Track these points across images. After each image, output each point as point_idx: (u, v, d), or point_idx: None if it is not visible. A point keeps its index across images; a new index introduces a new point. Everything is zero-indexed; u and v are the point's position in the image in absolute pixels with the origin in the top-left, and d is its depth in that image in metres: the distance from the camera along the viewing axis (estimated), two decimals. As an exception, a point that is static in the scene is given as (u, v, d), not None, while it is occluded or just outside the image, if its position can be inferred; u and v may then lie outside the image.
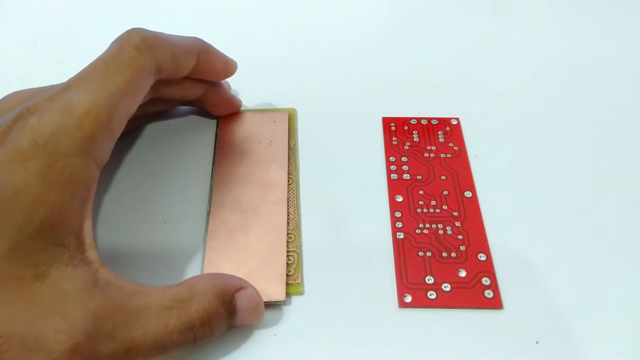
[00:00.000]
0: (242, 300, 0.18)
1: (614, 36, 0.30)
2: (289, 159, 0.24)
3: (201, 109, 0.26)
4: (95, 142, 0.16)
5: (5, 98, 0.19)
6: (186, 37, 0.21)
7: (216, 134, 0.25)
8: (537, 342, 0.18)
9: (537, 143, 0.25)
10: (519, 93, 0.27)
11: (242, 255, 0.20)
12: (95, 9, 0.33)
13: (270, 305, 0.19)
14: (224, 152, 0.24)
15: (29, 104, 0.16)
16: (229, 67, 0.23)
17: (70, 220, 0.16)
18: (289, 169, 0.23)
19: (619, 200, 0.23)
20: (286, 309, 0.19)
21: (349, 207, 0.22)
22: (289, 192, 0.23)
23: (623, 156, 0.24)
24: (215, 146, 0.24)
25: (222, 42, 0.30)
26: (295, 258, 0.21)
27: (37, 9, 0.33)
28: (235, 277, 0.19)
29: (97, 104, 0.17)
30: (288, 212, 0.22)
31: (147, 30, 0.19)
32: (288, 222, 0.22)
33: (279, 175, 0.23)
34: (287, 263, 0.20)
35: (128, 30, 0.19)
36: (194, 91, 0.23)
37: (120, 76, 0.18)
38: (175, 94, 0.23)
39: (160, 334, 0.15)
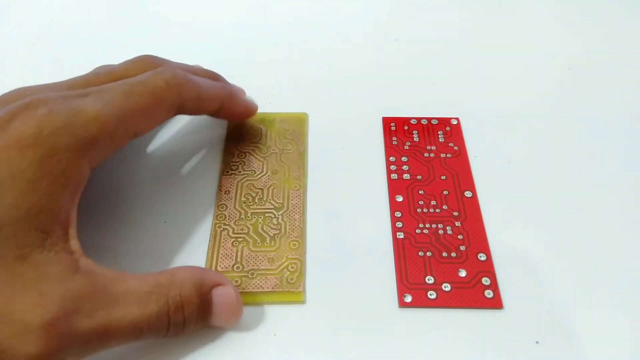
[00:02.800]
0: (218, 296, 0.18)
1: (614, 36, 0.30)
2: (299, 164, 0.24)
3: None
4: (95, 146, 0.17)
5: (10, 92, 0.19)
6: (215, 83, 0.23)
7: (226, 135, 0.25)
8: (537, 342, 0.18)
9: (537, 143, 0.25)
10: (519, 93, 0.27)
11: None
12: (95, 9, 0.33)
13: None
14: None
15: (40, 96, 0.17)
16: (249, 112, 0.24)
17: (57, 210, 0.16)
18: (297, 174, 0.23)
19: (620, 200, 0.23)
20: (286, 309, 0.19)
21: (349, 207, 0.22)
22: (297, 199, 0.23)
23: (623, 156, 0.24)
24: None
25: (221, 43, 0.30)
26: (298, 266, 0.20)
27: (37, 9, 0.33)
28: (217, 273, 0.19)
29: (107, 113, 0.17)
30: (294, 219, 0.22)
31: (178, 69, 0.20)
32: (293, 229, 0.21)
33: None
34: (289, 271, 0.20)
35: (162, 67, 0.20)
36: (209, 109, 0.23)
37: (140, 98, 0.18)
38: (190, 113, 0.23)
39: (138, 317, 0.16)
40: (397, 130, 0.25)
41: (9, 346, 0.14)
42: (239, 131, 0.25)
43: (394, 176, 0.23)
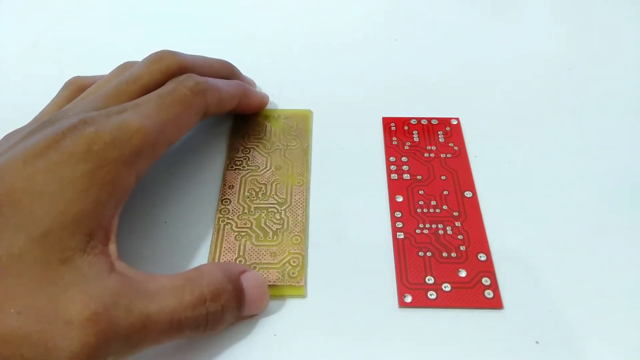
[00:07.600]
0: (248, 280, 0.19)
1: (614, 36, 0.30)
2: (302, 160, 0.24)
3: None
4: (140, 156, 0.18)
5: (50, 112, 0.20)
6: (231, 82, 0.24)
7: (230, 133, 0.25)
8: (537, 342, 0.18)
9: (537, 143, 0.25)
10: (519, 93, 0.27)
11: None
12: (95, 9, 0.33)
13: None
14: None
15: (85, 116, 0.18)
16: (262, 104, 0.26)
17: (102, 215, 0.17)
18: (301, 170, 0.24)
19: (619, 200, 0.23)
20: (286, 309, 0.19)
21: (349, 207, 0.22)
22: (300, 194, 0.23)
23: (623, 156, 0.24)
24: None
25: (221, 43, 0.30)
26: (300, 260, 0.21)
27: (37, 9, 0.33)
28: (237, 264, 0.20)
29: (147, 125, 0.19)
30: (297, 214, 0.22)
31: (199, 76, 0.21)
32: (296, 224, 0.22)
33: None
34: (291, 265, 0.20)
35: (184, 75, 0.21)
36: (229, 108, 0.24)
37: (172, 109, 0.20)
38: (213, 115, 0.24)
39: (176, 309, 0.16)
40: (397, 130, 0.25)
41: (53, 345, 0.14)
42: (243, 127, 0.25)
43: (394, 176, 0.23)
